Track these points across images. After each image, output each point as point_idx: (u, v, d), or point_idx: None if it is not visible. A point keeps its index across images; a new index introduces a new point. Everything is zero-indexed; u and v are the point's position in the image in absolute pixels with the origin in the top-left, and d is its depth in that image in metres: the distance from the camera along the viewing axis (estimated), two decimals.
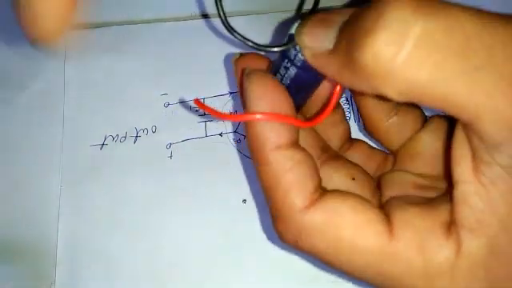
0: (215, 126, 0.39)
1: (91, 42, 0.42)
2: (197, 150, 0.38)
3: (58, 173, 0.38)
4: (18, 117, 0.40)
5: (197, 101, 0.22)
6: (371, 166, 0.27)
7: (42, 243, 0.36)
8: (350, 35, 0.17)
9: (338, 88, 0.21)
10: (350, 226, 0.20)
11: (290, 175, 0.21)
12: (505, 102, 0.16)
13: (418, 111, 0.27)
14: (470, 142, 0.18)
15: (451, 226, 0.19)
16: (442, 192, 0.23)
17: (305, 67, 0.21)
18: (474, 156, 0.18)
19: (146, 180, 0.37)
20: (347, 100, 0.38)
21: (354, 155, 0.27)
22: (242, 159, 0.38)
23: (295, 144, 0.21)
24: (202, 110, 0.39)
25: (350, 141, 0.28)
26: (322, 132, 0.27)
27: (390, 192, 0.24)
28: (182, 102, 0.39)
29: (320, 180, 0.22)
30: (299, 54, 0.20)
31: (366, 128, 0.27)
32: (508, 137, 0.17)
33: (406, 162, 0.26)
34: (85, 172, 0.38)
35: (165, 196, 0.37)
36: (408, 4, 0.16)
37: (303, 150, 0.22)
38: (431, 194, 0.23)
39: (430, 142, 0.25)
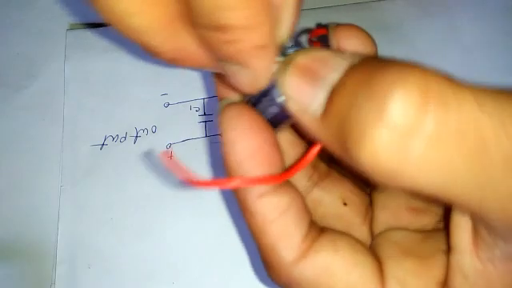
0: (215, 126, 0.39)
1: (91, 41, 0.42)
2: (197, 150, 0.38)
3: (58, 173, 0.38)
4: (18, 117, 0.40)
5: (165, 154, 0.19)
6: (363, 181, 0.26)
7: (42, 243, 0.36)
8: (345, 118, 0.15)
9: (317, 149, 0.19)
10: (342, 284, 0.19)
11: (276, 227, 0.20)
12: None
13: None
14: (472, 218, 0.17)
15: (444, 285, 0.19)
16: (437, 220, 0.22)
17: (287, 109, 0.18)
18: (475, 231, 0.17)
19: (146, 180, 0.37)
20: None
21: (346, 171, 0.26)
22: None
23: (280, 186, 0.20)
24: (202, 111, 0.39)
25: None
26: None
27: (383, 218, 0.24)
28: (182, 102, 0.39)
29: (310, 221, 0.20)
30: (282, 97, 0.18)
31: None
32: None
33: None
34: (85, 172, 0.38)
35: (165, 196, 0.37)
36: (416, 92, 0.13)
37: (289, 189, 0.20)
38: (425, 220, 0.23)
39: None
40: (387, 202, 0.24)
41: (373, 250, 0.21)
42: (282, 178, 0.20)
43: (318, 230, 0.21)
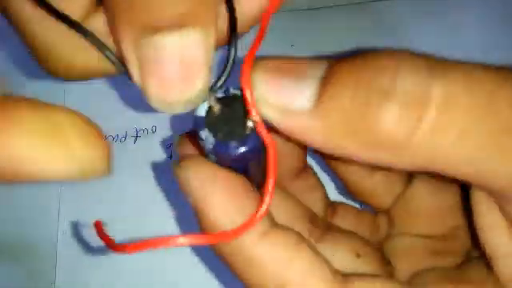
0: None
1: None
2: None
3: None
4: None
5: (98, 224, 0.17)
6: (363, 231, 0.24)
7: (42, 243, 0.36)
8: (353, 96, 0.14)
9: (271, 181, 0.16)
10: None
11: (298, 267, 0.16)
12: None
13: None
14: (502, 209, 0.16)
15: None
16: (461, 255, 0.21)
17: (223, 153, 0.16)
18: (508, 224, 0.16)
19: (146, 180, 0.37)
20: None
21: (342, 222, 0.24)
22: None
23: (275, 224, 0.17)
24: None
25: (332, 205, 0.25)
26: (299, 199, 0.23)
27: (403, 264, 0.22)
28: None
29: (328, 263, 0.17)
30: (206, 143, 0.16)
31: (350, 190, 0.24)
32: None
33: (406, 222, 0.23)
34: None
35: (165, 196, 0.37)
36: (421, 60, 0.14)
37: (288, 228, 0.17)
38: (450, 261, 0.21)
39: (425, 197, 0.22)
40: (403, 251, 0.22)
41: None
42: (258, 217, 0.16)
43: (340, 272, 0.17)
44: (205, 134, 0.16)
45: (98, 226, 0.17)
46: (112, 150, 0.14)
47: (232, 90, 0.17)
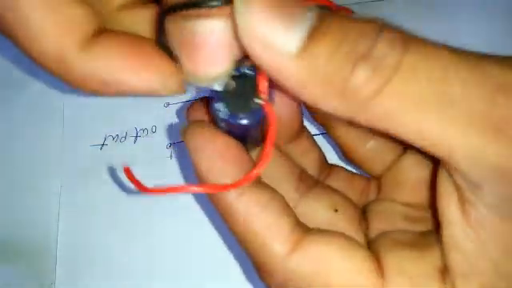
0: None
1: None
2: None
3: (58, 173, 0.38)
4: (18, 117, 0.40)
5: (127, 170, 0.21)
6: (354, 193, 0.26)
7: (42, 243, 0.36)
8: (335, 51, 0.16)
9: (268, 151, 0.19)
10: (339, 273, 0.19)
11: (262, 221, 0.19)
12: (479, 140, 0.15)
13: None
14: (453, 180, 0.17)
15: (444, 271, 0.18)
16: (431, 225, 0.22)
17: (233, 123, 0.20)
18: (460, 196, 0.17)
19: (146, 180, 0.37)
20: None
21: (334, 183, 0.26)
22: None
23: (257, 184, 0.20)
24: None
25: (328, 167, 0.27)
26: (295, 160, 0.25)
27: (377, 225, 0.23)
28: (182, 102, 0.39)
29: (296, 217, 0.20)
30: (220, 113, 0.20)
31: (345, 155, 0.26)
32: (487, 176, 0.16)
33: (392, 189, 0.25)
34: (85, 172, 0.38)
35: (165, 196, 0.37)
36: (399, 34, 0.16)
37: (267, 187, 0.20)
38: (421, 227, 0.22)
39: (414, 168, 0.24)
40: (381, 213, 0.24)
41: (369, 247, 0.21)
42: (250, 177, 0.19)
43: (305, 227, 0.20)
44: (219, 105, 0.20)
45: (128, 172, 0.21)
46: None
47: (246, 70, 0.20)
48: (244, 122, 0.20)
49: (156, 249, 0.36)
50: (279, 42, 0.16)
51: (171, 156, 0.38)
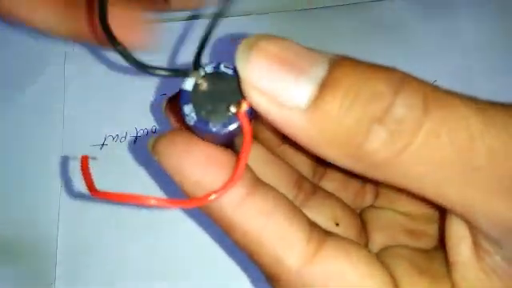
0: None
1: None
2: None
3: (58, 173, 0.38)
4: (18, 117, 0.40)
5: (85, 160, 0.17)
6: (348, 195, 0.25)
7: (42, 243, 0.36)
8: (348, 109, 0.14)
9: (244, 159, 0.16)
10: None
11: (271, 232, 0.17)
12: (501, 204, 0.15)
13: None
14: (468, 227, 0.17)
15: None
16: (435, 239, 0.22)
17: (204, 130, 0.17)
18: (474, 241, 0.17)
19: (146, 180, 0.37)
20: None
21: (329, 184, 0.25)
22: None
23: (258, 187, 0.18)
24: None
25: (323, 167, 0.26)
26: (289, 161, 0.24)
27: (379, 238, 0.23)
28: None
29: (307, 219, 0.18)
30: (188, 118, 0.16)
31: None
32: (507, 235, 0.16)
33: (391, 198, 0.24)
34: None
35: (165, 196, 0.37)
36: (419, 92, 0.15)
37: (269, 189, 0.18)
38: (424, 243, 0.22)
39: None
40: (382, 224, 0.23)
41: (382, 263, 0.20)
42: (234, 181, 0.16)
43: (321, 231, 0.18)
44: (188, 109, 0.16)
45: (84, 161, 0.17)
46: None
47: (222, 68, 0.17)
48: (215, 130, 0.16)
49: (156, 249, 0.36)
50: (287, 96, 0.15)
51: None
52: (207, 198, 0.16)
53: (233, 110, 0.16)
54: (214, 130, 0.16)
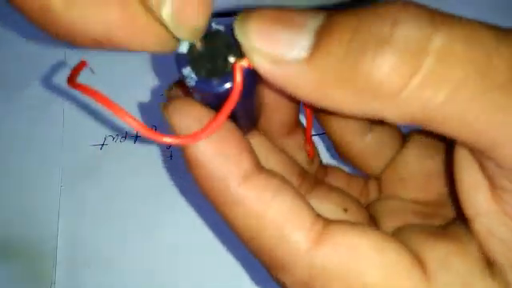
0: None
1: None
2: None
3: (58, 173, 0.38)
4: (19, 117, 0.40)
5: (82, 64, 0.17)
6: (352, 194, 0.24)
7: (41, 243, 0.36)
8: (349, 43, 0.14)
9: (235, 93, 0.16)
10: (377, 269, 0.16)
11: (277, 207, 0.16)
12: None
13: (394, 127, 0.23)
14: (483, 169, 0.16)
15: (489, 265, 0.16)
16: (448, 219, 0.20)
17: (206, 90, 0.16)
18: (492, 184, 0.16)
19: (146, 180, 0.37)
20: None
21: (332, 183, 0.24)
22: None
23: (261, 169, 0.17)
24: None
25: (323, 167, 0.25)
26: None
27: (389, 223, 0.21)
28: None
29: (312, 207, 0.17)
30: (189, 80, 0.16)
31: (339, 152, 0.24)
32: None
33: (395, 187, 0.23)
34: (85, 172, 0.38)
35: (165, 196, 0.37)
36: (424, 11, 0.14)
37: (273, 172, 0.17)
38: (437, 222, 0.21)
39: (417, 162, 0.22)
40: (390, 210, 0.22)
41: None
42: (221, 118, 0.16)
43: (325, 218, 0.17)
44: (187, 71, 0.16)
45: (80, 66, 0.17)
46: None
47: (214, 26, 0.16)
48: (218, 88, 0.16)
49: (156, 249, 0.36)
50: (285, 51, 0.14)
51: (171, 156, 0.38)
52: (190, 137, 0.16)
53: (232, 60, 0.16)
54: (215, 87, 0.16)
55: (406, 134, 0.23)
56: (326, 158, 0.32)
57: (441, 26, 0.13)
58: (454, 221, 0.19)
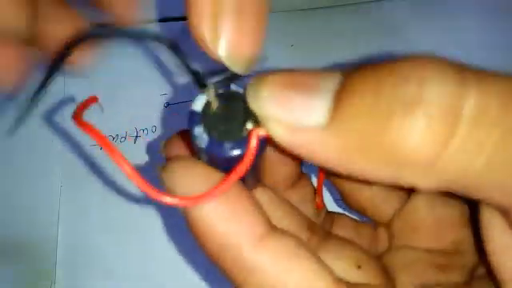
0: None
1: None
2: None
3: (58, 173, 0.38)
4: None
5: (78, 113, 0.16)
6: (362, 243, 0.23)
7: (42, 243, 0.36)
8: (372, 107, 0.12)
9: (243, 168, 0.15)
10: None
11: (298, 275, 0.15)
12: None
13: None
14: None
15: None
16: (466, 271, 0.20)
17: (217, 154, 0.15)
18: None
19: (146, 180, 0.37)
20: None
21: (340, 232, 0.23)
22: None
23: (274, 227, 0.16)
24: None
25: (330, 215, 0.24)
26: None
27: (406, 277, 0.20)
28: (182, 102, 0.39)
29: (331, 271, 0.16)
30: (200, 141, 0.15)
31: (346, 201, 0.23)
32: None
33: (407, 236, 0.22)
34: (85, 172, 0.38)
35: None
36: (451, 67, 0.12)
37: (286, 232, 0.16)
38: (456, 277, 0.20)
39: (427, 209, 0.21)
40: (405, 263, 0.21)
41: None
42: (229, 183, 0.15)
43: (347, 283, 0.16)
44: (199, 130, 0.15)
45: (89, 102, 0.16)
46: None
47: (234, 88, 0.16)
48: (230, 152, 0.15)
49: (155, 249, 0.36)
50: (302, 117, 0.13)
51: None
52: (194, 199, 0.15)
53: (249, 126, 0.15)
54: (227, 151, 0.15)
55: None
56: (330, 203, 0.32)
57: (471, 83, 0.12)
58: (474, 276, 0.19)
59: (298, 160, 0.21)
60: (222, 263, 0.16)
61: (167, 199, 0.15)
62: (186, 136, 0.17)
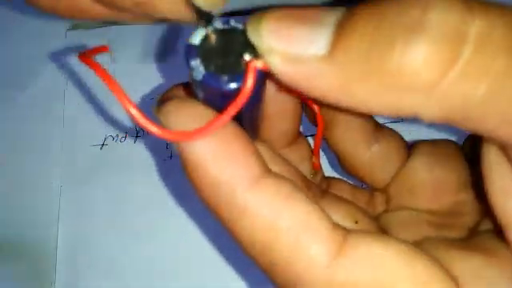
0: None
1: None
2: None
3: (58, 173, 0.38)
4: (18, 117, 0.40)
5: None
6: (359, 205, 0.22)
7: (41, 243, 0.36)
8: (374, 34, 0.12)
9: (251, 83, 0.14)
10: (408, 284, 0.14)
11: (291, 216, 0.14)
12: None
13: (398, 137, 0.22)
14: None
15: None
16: (467, 229, 0.20)
17: (214, 86, 0.15)
18: None
19: (146, 180, 0.37)
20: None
21: (337, 193, 0.23)
22: None
23: (271, 170, 0.15)
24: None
25: (326, 180, 0.24)
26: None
27: (403, 235, 0.20)
28: None
29: (328, 215, 0.15)
30: (196, 74, 0.15)
31: (343, 165, 0.22)
32: None
33: (405, 198, 0.22)
34: (85, 172, 0.38)
35: (165, 196, 0.37)
36: None
37: (283, 176, 0.15)
38: (456, 233, 0.20)
39: (425, 171, 0.21)
40: (403, 223, 0.21)
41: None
42: (227, 116, 0.14)
43: (344, 228, 0.15)
44: (195, 63, 0.15)
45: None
46: None
47: (233, 23, 0.15)
48: (226, 85, 0.15)
49: (156, 249, 0.36)
50: (303, 49, 0.13)
51: (171, 156, 0.38)
52: (189, 134, 0.14)
53: (247, 59, 0.15)
54: (223, 85, 0.15)
55: (411, 145, 0.23)
56: (328, 171, 0.32)
57: (477, 12, 0.12)
58: (481, 231, 0.18)
59: (297, 117, 0.21)
60: (214, 206, 0.15)
61: (163, 133, 0.15)
62: (186, 88, 0.17)
